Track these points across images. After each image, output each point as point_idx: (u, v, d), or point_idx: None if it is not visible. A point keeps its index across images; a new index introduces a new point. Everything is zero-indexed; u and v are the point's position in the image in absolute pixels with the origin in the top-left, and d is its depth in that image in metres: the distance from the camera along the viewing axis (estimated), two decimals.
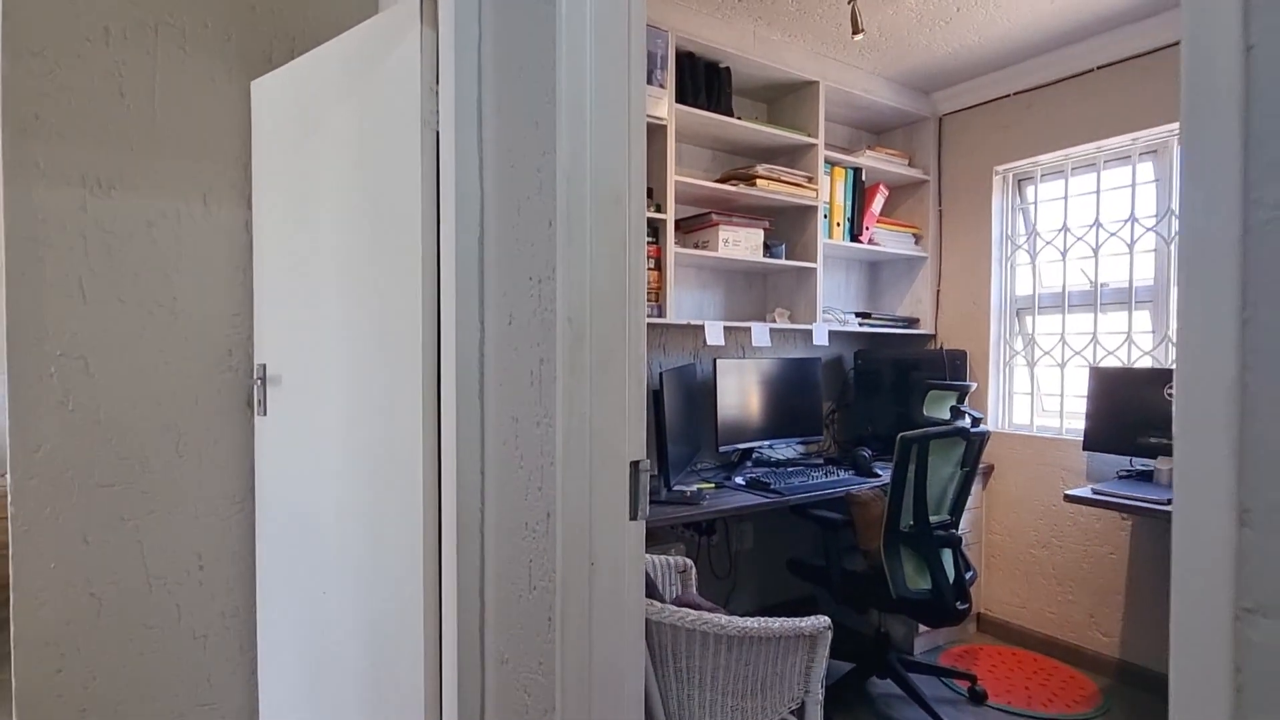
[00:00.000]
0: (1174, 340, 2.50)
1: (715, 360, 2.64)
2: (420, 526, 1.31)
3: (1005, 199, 3.02)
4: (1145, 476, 2.38)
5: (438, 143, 1.34)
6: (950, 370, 2.85)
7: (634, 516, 1.10)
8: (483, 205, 1.29)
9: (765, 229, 2.65)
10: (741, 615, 3.06)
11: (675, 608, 1.32)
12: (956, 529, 2.25)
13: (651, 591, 1.40)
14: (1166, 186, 2.53)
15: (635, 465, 1.10)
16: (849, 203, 2.89)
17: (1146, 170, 2.59)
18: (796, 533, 3.05)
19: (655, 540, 2.37)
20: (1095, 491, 2.20)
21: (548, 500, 1.08)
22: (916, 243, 3.17)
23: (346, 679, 1.56)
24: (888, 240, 3.05)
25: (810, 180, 2.71)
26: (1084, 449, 2.55)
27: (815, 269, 2.75)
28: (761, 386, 2.80)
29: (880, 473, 2.62)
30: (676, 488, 2.30)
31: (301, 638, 1.72)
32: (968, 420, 2.20)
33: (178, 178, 1.78)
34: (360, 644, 1.52)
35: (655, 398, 2.17)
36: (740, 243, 2.58)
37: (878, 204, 2.98)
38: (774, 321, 2.77)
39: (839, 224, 2.86)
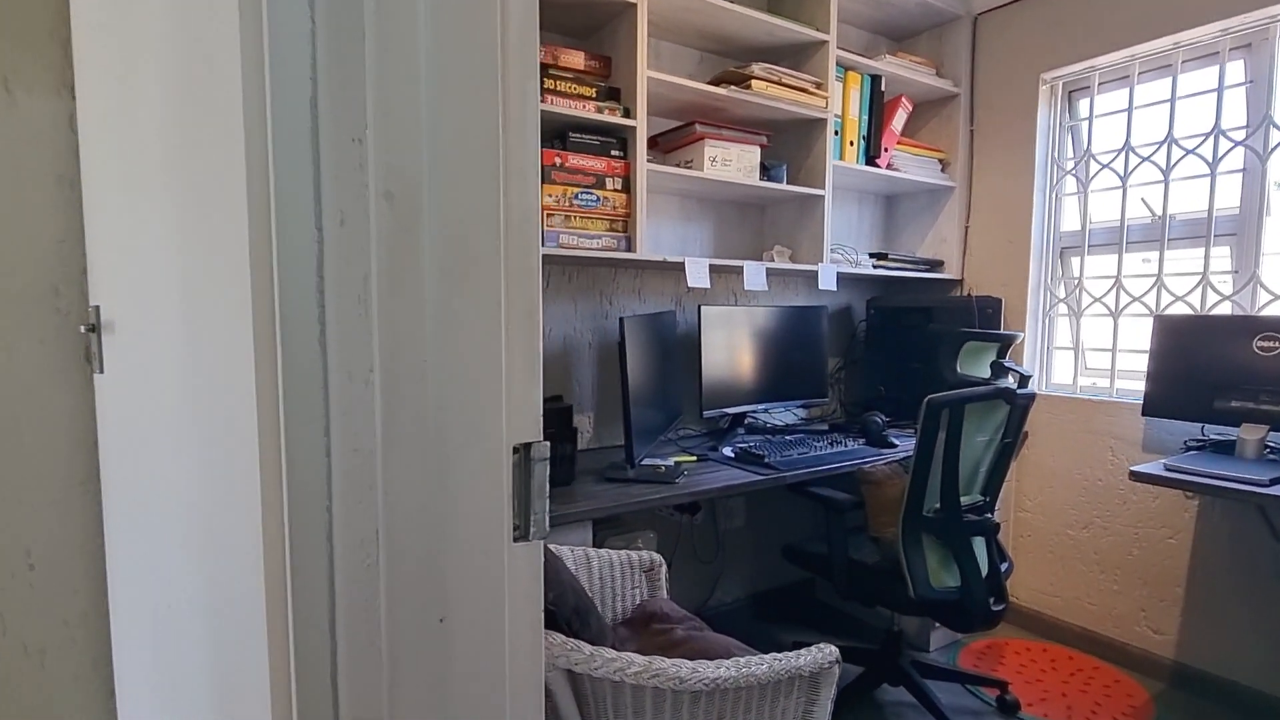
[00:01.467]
0: (1264, 281, 2.04)
1: (700, 307, 2.19)
2: (259, 546, 0.89)
3: (1053, 114, 2.51)
4: (1223, 448, 1.95)
5: None
6: (981, 321, 2.39)
7: (522, 535, 0.67)
8: (314, 40, 0.82)
9: (762, 146, 2.17)
10: (730, 603, 2.70)
11: (611, 654, 0.91)
12: (992, 512, 1.83)
13: (583, 620, 0.99)
14: (1264, 89, 2.02)
15: (523, 452, 0.67)
16: (865, 117, 2.39)
17: (1237, 71, 2.08)
18: (795, 511, 2.64)
19: (618, 528, 1.97)
20: (1168, 468, 1.77)
21: (372, 510, 0.65)
22: (943, 170, 2.68)
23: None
24: (909, 166, 2.56)
25: (819, 86, 2.21)
26: (1144, 414, 2.11)
27: (823, 197, 2.27)
28: (756, 339, 2.35)
29: (897, 442, 2.19)
30: (647, 462, 1.88)
31: (152, 653, 1.33)
32: (1012, 379, 1.76)
33: None
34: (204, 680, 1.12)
35: (620, 349, 1.73)
36: (732, 162, 2.10)
37: (899, 121, 2.48)
38: (772, 261, 2.30)
39: (852, 143, 2.36)
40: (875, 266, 2.52)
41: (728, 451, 2.10)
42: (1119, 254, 2.35)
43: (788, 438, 2.27)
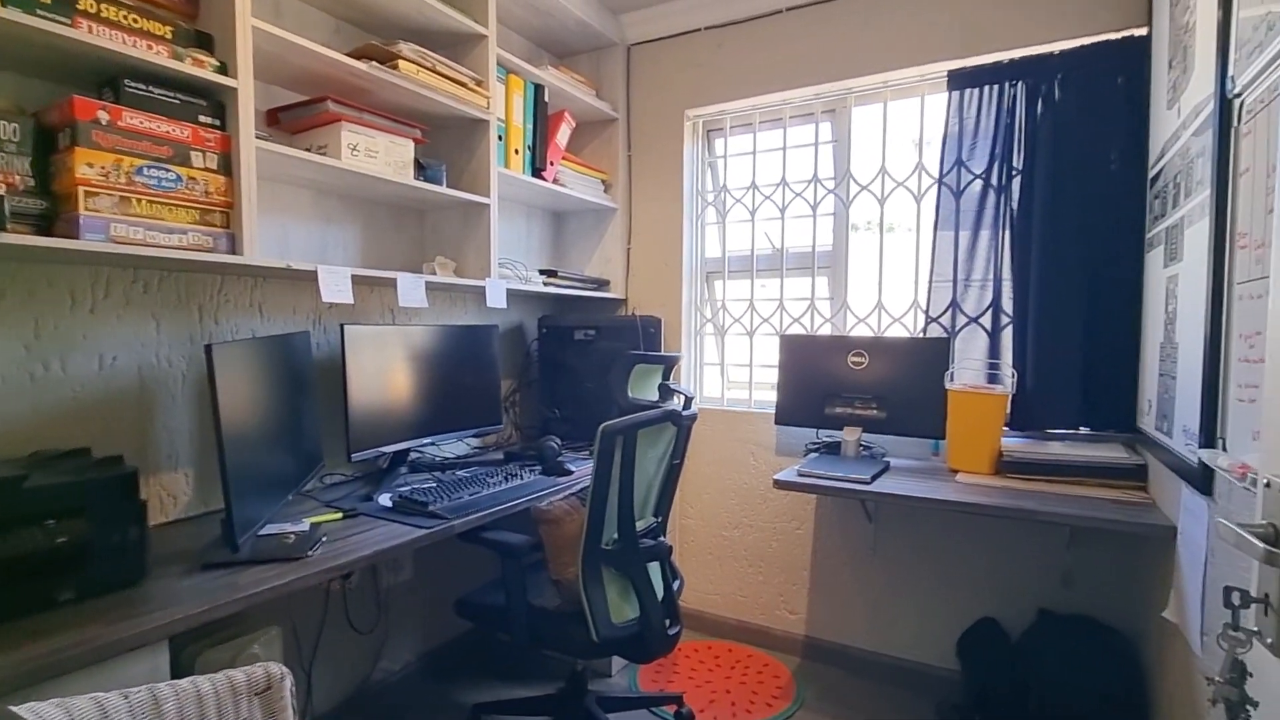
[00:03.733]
0: (852, 307, 2.46)
1: (344, 327, 1.79)
2: None
3: (696, 149, 2.73)
4: (833, 448, 2.28)
5: None
6: (645, 339, 2.46)
7: None
8: None
9: (417, 140, 1.87)
10: (399, 671, 2.31)
11: None
12: (665, 533, 1.83)
13: None
14: (846, 148, 2.46)
15: None
16: (530, 126, 2.27)
17: (827, 131, 2.50)
18: (470, 556, 2.37)
19: (221, 634, 1.46)
20: (801, 474, 1.98)
21: None
22: (606, 191, 2.71)
23: None
24: (575, 183, 2.52)
25: (480, 84, 2.00)
26: (776, 423, 2.38)
27: (489, 205, 2.06)
28: (418, 363, 2.03)
29: (573, 469, 2.09)
30: (269, 531, 1.42)
31: None
32: (678, 400, 1.77)
33: None
34: None
35: (210, 390, 1.26)
36: (379, 154, 1.76)
37: (563, 135, 2.42)
38: (433, 274, 2.02)
39: (518, 151, 2.21)
40: (546, 284, 2.41)
41: (385, 500, 1.74)
42: (751, 279, 2.64)
43: (459, 474, 2.00)
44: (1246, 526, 0.61)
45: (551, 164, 2.36)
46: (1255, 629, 0.62)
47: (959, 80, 2.13)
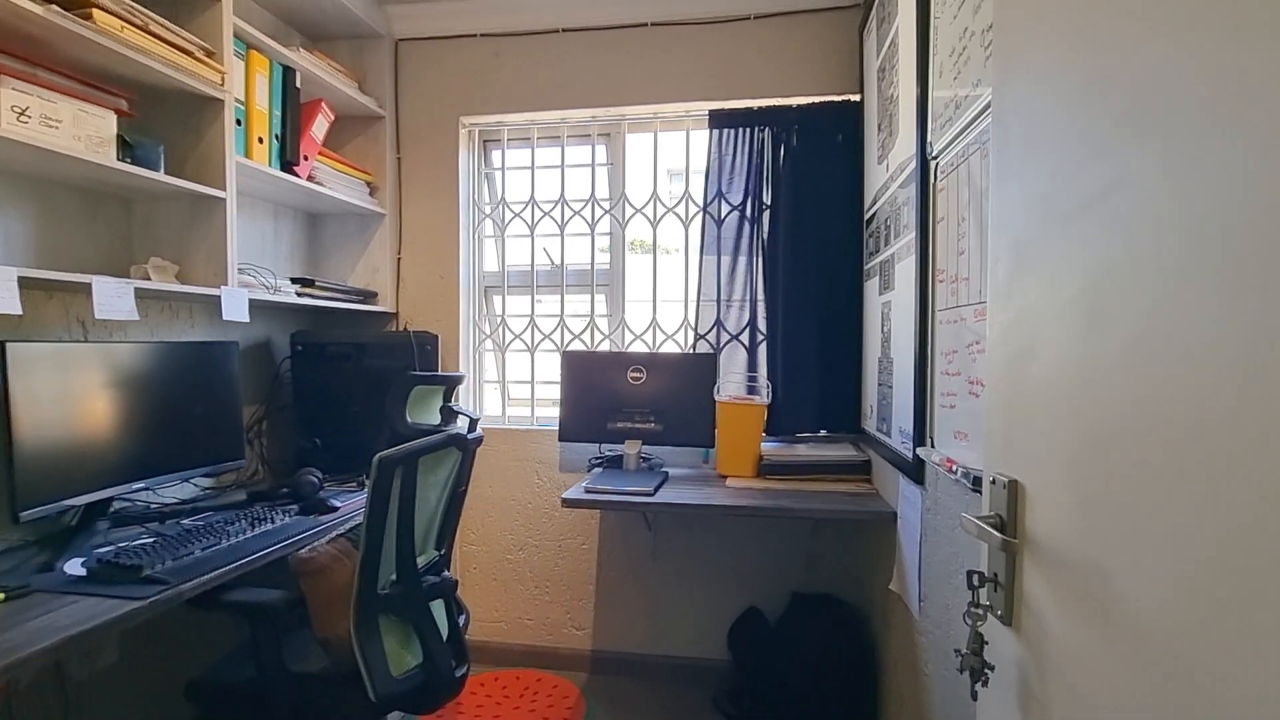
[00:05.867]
0: (628, 323, 2.55)
1: (5, 345, 1.36)
2: None
3: (472, 158, 2.62)
4: (615, 461, 2.33)
5: None
6: (421, 358, 2.28)
7: None
8: None
9: (121, 112, 1.51)
10: None
11: None
12: (448, 567, 1.69)
13: None
14: (620, 171, 2.54)
15: None
16: (279, 114, 1.97)
17: (603, 153, 2.57)
18: (204, 626, 1.96)
19: None
20: (589, 490, 1.98)
21: None
22: (372, 194, 2.47)
23: None
24: (334, 183, 2.25)
25: (211, 55, 1.68)
26: (560, 439, 2.36)
27: (224, 200, 1.74)
28: (123, 390, 1.63)
29: (338, 504, 1.84)
30: None
31: None
32: (462, 423, 1.66)
33: None
34: None
35: None
36: (63, 125, 1.37)
37: (320, 128, 2.15)
38: (146, 279, 1.63)
39: (262, 140, 1.91)
40: (300, 294, 2.11)
41: (75, 569, 1.35)
42: (531, 295, 2.60)
43: (185, 524, 1.64)
44: (983, 518, 0.73)
45: (306, 159, 2.08)
46: (988, 604, 0.74)
47: (719, 120, 2.33)
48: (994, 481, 0.72)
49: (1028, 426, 0.66)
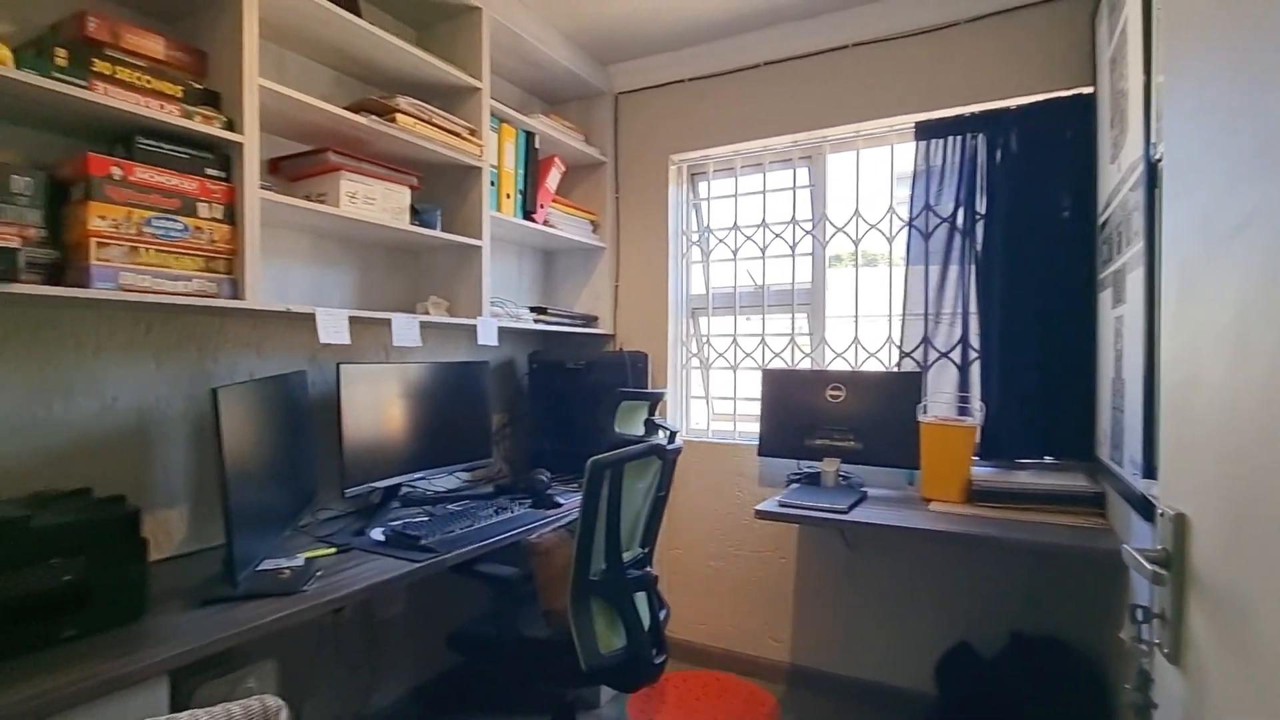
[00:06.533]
0: (830, 343, 2.56)
1: (340, 366, 1.85)
2: None
3: (680, 191, 2.85)
4: (813, 479, 2.35)
5: None
6: (633, 375, 2.54)
7: None
8: None
9: (413, 187, 1.96)
10: (390, 706, 2.31)
11: None
12: (650, 563, 1.88)
13: None
14: (822, 192, 2.58)
15: None
16: (521, 171, 2.38)
17: (805, 176, 2.63)
18: (462, 588, 2.41)
19: (219, 667, 1.49)
20: (782, 504, 2.05)
21: None
22: (594, 231, 2.82)
23: None
24: (564, 224, 2.62)
25: (473, 133, 2.11)
26: (759, 454, 2.46)
27: (481, 248, 2.15)
28: (410, 400, 2.10)
29: (562, 501, 2.14)
30: (266, 566, 1.47)
31: None
32: (663, 435, 1.85)
33: None
34: None
35: (215, 429, 1.32)
36: (376, 201, 1.84)
37: (553, 179, 2.53)
38: (427, 314, 2.09)
39: (509, 195, 2.31)
40: (536, 321, 2.50)
41: (377, 535, 1.79)
42: (734, 316, 2.74)
43: (450, 508, 2.05)
44: (1143, 551, 0.69)
45: (542, 206, 2.46)
46: (1156, 640, 0.70)
47: (925, 131, 2.26)
48: (1162, 514, 0.68)
49: (1193, 458, 0.63)
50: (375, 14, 2.10)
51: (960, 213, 2.23)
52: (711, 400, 2.85)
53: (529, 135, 2.40)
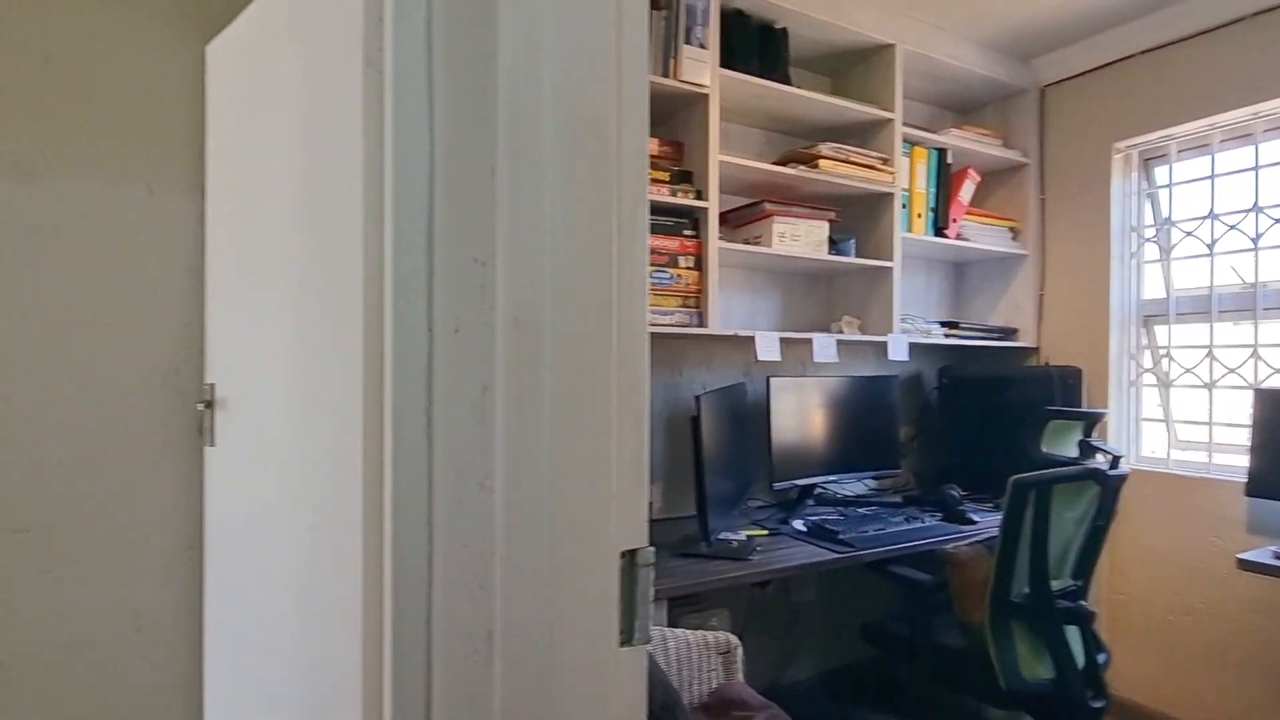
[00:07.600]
0: None
1: (769, 379, 2.20)
2: (358, 624, 0.92)
3: (1128, 182, 2.47)
4: None
5: (383, 90, 0.97)
6: (1062, 391, 2.32)
7: (628, 640, 0.69)
8: (432, 167, 0.91)
9: (831, 221, 2.21)
10: (803, 682, 2.60)
11: None
12: (1085, 597, 1.74)
13: (671, 716, 0.99)
14: None
15: (630, 558, 0.69)
16: (933, 190, 2.41)
17: None
18: (870, 587, 2.55)
19: (691, 605, 1.95)
20: (1278, 556, 1.65)
21: (487, 610, 0.68)
22: (1014, 238, 2.65)
23: None
24: (979, 235, 2.54)
25: (885, 162, 2.25)
26: (1247, 494, 1.98)
27: (891, 269, 2.28)
28: (826, 410, 2.34)
29: (976, 519, 2.11)
30: (721, 536, 1.87)
31: None
32: (1102, 459, 1.69)
33: (117, 161, 1.49)
34: None
35: (693, 425, 1.76)
36: (800, 238, 2.14)
37: (967, 191, 2.49)
38: (841, 332, 2.31)
39: (920, 215, 2.38)
40: (946, 335, 2.49)
41: (799, 525, 2.07)
42: (1209, 323, 2.25)
43: (861, 511, 2.23)
44: None
45: (954, 220, 2.45)
46: None
47: None
48: None
49: None
50: (797, 73, 2.41)
51: None
52: (1173, 424, 2.39)
53: (940, 152, 2.42)
